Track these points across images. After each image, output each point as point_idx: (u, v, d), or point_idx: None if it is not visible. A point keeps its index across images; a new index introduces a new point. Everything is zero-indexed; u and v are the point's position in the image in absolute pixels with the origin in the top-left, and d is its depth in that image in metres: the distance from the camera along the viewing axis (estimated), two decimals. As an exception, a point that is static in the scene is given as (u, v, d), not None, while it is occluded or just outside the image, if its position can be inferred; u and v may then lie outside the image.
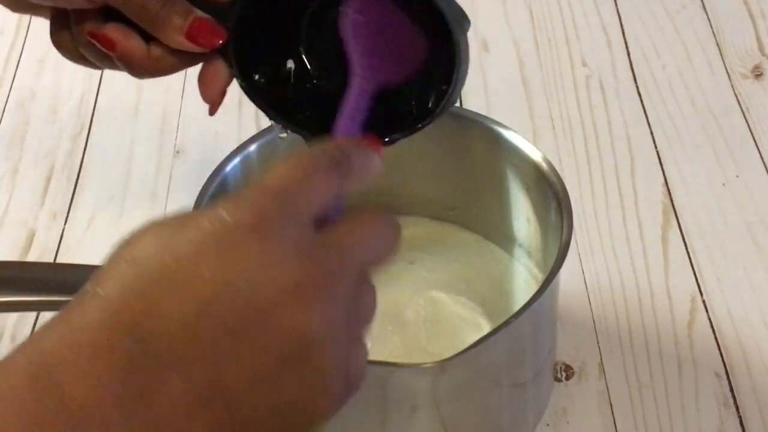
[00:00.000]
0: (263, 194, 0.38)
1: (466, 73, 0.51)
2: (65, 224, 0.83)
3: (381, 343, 0.68)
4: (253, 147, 0.69)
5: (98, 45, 0.52)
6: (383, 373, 0.58)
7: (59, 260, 0.79)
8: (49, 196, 0.85)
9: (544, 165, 0.66)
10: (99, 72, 0.79)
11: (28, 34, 0.99)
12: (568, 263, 0.61)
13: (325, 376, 0.37)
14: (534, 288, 0.67)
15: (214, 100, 0.53)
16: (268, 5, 0.53)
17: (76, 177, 0.86)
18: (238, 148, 0.68)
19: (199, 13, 0.52)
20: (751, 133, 0.87)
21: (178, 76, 0.55)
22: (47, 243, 0.81)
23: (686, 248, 0.79)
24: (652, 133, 0.88)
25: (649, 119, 0.89)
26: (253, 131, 0.74)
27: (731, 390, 0.70)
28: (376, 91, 0.51)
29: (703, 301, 0.75)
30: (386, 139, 0.51)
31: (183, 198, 0.84)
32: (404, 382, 0.59)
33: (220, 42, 0.52)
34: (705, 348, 0.72)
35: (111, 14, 0.52)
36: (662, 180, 0.84)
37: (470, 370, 0.60)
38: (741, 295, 0.76)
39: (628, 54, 0.96)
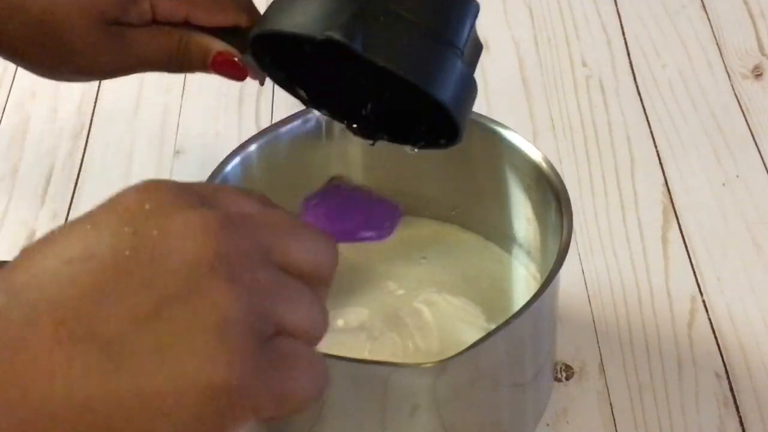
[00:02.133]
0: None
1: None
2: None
3: (381, 343, 0.68)
4: (253, 147, 0.69)
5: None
6: (383, 373, 0.58)
7: (59, 260, 0.79)
8: (49, 196, 0.85)
9: (544, 165, 0.67)
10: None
11: (28, 34, 0.99)
12: (568, 263, 0.61)
13: (220, 313, 0.34)
14: (534, 288, 0.67)
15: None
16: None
17: (76, 177, 0.86)
18: (238, 148, 0.68)
19: (219, 45, 0.60)
20: (751, 133, 0.87)
21: (179, 76, 0.55)
22: (47, 243, 0.81)
23: (686, 248, 0.79)
24: (652, 133, 0.88)
25: (649, 119, 0.89)
26: (253, 131, 0.74)
27: (731, 390, 0.70)
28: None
29: (703, 301, 0.75)
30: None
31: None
32: (404, 382, 0.59)
33: (244, 78, 0.61)
34: (705, 348, 0.72)
35: None
36: (662, 180, 0.84)
37: (470, 370, 0.60)
38: (741, 295, 0.76)
39: (628, 54, 0.96)
